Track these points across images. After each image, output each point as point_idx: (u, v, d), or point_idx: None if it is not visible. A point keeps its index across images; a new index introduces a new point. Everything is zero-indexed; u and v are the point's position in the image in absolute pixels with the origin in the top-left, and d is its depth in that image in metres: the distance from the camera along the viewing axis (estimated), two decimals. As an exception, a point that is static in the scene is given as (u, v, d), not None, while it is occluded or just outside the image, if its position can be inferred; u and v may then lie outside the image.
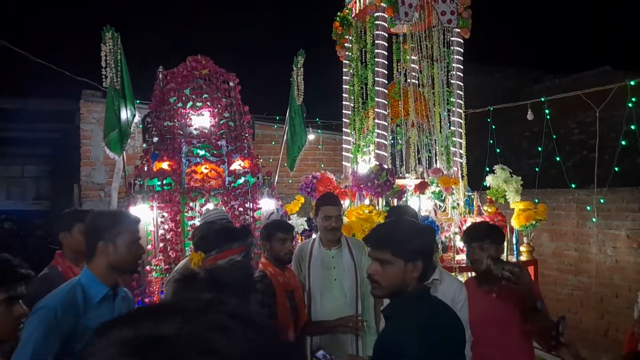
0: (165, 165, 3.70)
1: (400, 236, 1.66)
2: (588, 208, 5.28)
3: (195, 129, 3.90)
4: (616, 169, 4.79)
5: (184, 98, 3.87)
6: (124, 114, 3.33)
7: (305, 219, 4.52)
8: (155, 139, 3.76)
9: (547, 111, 5.22)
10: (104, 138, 3.26)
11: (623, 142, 4.68)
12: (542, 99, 5.28)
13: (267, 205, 4.13)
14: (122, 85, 3.28)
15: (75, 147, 6.81)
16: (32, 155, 9.63)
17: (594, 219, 5.20)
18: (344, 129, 5.44)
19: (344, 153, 5.48)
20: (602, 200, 5.07)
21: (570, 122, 7.81)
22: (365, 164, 5.06)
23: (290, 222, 3.84)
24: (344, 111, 5.42)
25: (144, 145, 3.84)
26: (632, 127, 4.63)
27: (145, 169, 3.69)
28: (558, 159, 5.29)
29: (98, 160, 6.69)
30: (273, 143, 7.35)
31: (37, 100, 7.36)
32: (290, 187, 7.31)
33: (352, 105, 5.26)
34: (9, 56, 6.01)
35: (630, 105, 4.60)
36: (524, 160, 7.73)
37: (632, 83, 4.51)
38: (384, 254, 1.63)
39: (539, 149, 5.50)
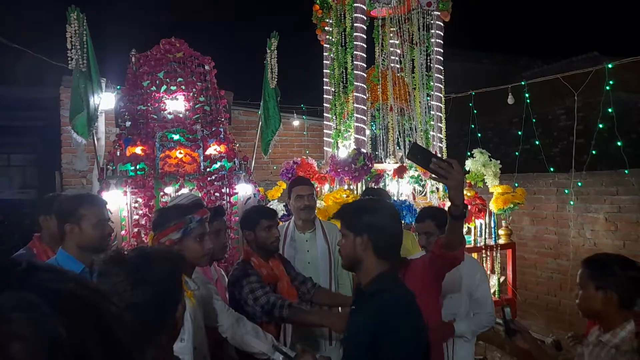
0: (138, 150, 3.66)
1: (351, 211, 1.75)
2: (566, 191, 5.32)
3: (170, 113, 3.84)
4: (593, 152, 4.81)
5: (157, 82, 3.81)
6: (91, 97, 3.28)
7: (284, 204, 4.52)
8: (128, 124, 3.72)
9: (527, 95, 5.21)
10: (70, 121, 3.21)
11: (600, 125, 4.70)
12: (522, 83, 5.27)
13: (244, 190, 4.11)
14: (89, 68, 3.22)
15: (57, 135, 6.75)
16: (17, 143, 9.53)
17: (571, 202, 5.24)
18: (324, 114, 5.43)
19: (325, 138, 5.47)
20: (579, 184, 5.11)
21: (557, 108, 7.84)
22: (345, 149, 5.06)
23: (273, 209, 3.83)
24: (324, 96, 5.40)
25: (117, 129, 3.79)
26: (609, 110, 4.65)
27: (118, 154, 3.65)
28: (537, 142, 5.31)
29: (79, 148, 6.62)
30: (257, 129, 7.30)
31: (20, 88, 7.26)
32: (275, 173, 7.30)
33: (333, 89, 5.24)
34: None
35: (607, 88, 4.60)
36: (512, 147, 7.77)
37: (610, 66, 4.52)
38: (342, 227, 1.76)
39: (519, 133, 5.51)
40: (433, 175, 1.80)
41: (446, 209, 1.95)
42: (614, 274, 1.76)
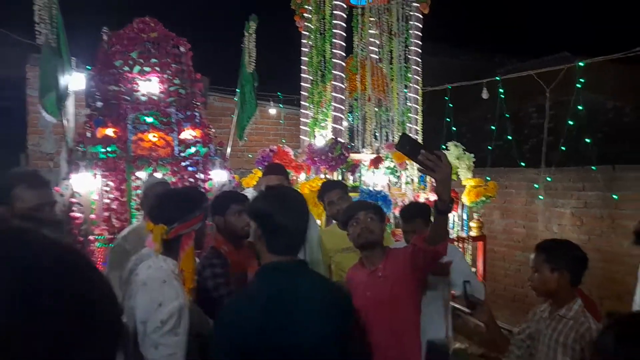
0: (109, 131, 3.55)
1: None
2: (536, 186, 5.46)
3: (143, 95, 3.74)
4: (563, 148, 4.95)
5: (130, 62, 3.70)
6: (61, 76, 3.15)
7: (259, 192, 4.47)
8: (99, 104, 3.60)
9: (501, 90, 5.30)
10: (39, 100, 3.07)
11: (570, 122, 4.83)
12: (497, 78, 5.36)
13: (218, 176, 4.05)
14: (59, 44, 3.09)
15: (23, 115, 6.49)
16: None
17: (540, 197, 5.38)
18: (302, 102, 5.39)
19: (301, 127, 5.44)
20: (548, 179, 5.25)
21: (529, 106, 8.02)
22: (322, 138, 5.04)
23: (245, 194, 3.78)
24: (302, 84, 5.35)
25: (87, 111, 3.67)
26: (579, 107, 4.77)
27: (88, 135, 3.54)
28: (509, 137, 5.42)
29: (47, 129, 6.39)
30: (232, 116, 7.21)
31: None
32: (250, 161, 7.22)
33: (311, 78, 5.20)
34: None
35: (578, 86, 4.73)
36: (485, 142, 7.92)
37: (582, 64, 4.63)
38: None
39: (492, 127, 5.62)
40: (421, 167, 1.77)
41: (432, 202, 1.95)
42: (565, 256, 1.99)
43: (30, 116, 6.40)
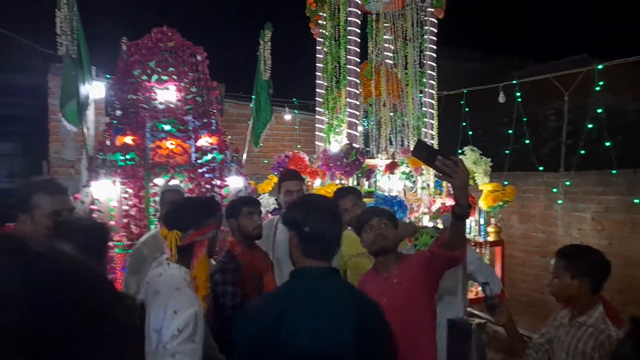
0: (128, 139, 3.62)
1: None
2: (554, 190, 5.38)
3: (161, 103, 3.81)
4: (582, 152, 4.87)
5: (148, 71, 3.77)
6: (82, 85, 3.23)
7: (275, 197, 4.50)
8: (119, 113, 3.67)
9: (518, 94, 5.25)
10: (60, 109, 3.16)
11: (590, 126, 4.75)
12: (514, 82, 5.31)
13: (234, 182, 4.09)
14: (79, 54, 3.17)
15: (44, 124, 6.65)
16: (4, 132, 9.38)
17: (559, 202, 5.29)
18: (317, 108, 5.41)
19: (317, 133, 5.46)
20: (567, 183, 5.16)
21: (547, 109, 7.90)
22: (337, 144, 5.05)
23: (260, 200, 3.81)
24: (317, 90, 5.38)
25: (107, 119, 3.74)
26: (599, 110, 4.70)
27: (108, 143, 3.61)
28: (527, 141, 5.35)
29: (68, 137, 6.53)
30: (249, 122, 7.27)
31: (7, 75, 7.13)
32: (266, 167, 7.26)
33: (326, 84, 5.22)
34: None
35: (597, 89, 4.65)
36: (503, 146, 7.84)
37: (600, 67, 4.56)
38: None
39: (509, 131, 5.56)
40: (438, 173, 1.75)
41: (449, 207, 1.95)
42: (586, 263, 1.95)
43: (52, 124, 6.55)
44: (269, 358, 1.51)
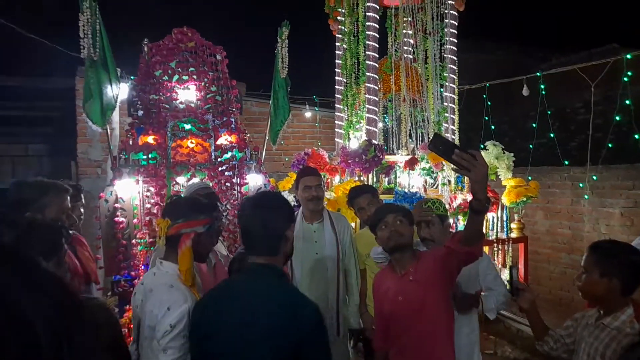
0: (150, 139, 3.69)
1: None
2: (581, 185, 5.23)
3: (181, 103, 3.87)
4: (609, 145, 4.72)
5: (169, 71, 3.83)
6: (108, 86, 3.32)
7: (293, 195, 4.52)
8: (141, 113, 3.75)
9: (542, 87, 5.12)
10: (83, 109, 3.25)
11: (617, 118, 4.60)
12: (538, 74, 5.18)
13: (254, 180, 4.13)
14: (104, 57, 3.25)
15: (73, 125, 6.86)
16: (35, 134, 9.71)
17: (586, 196, 5.15)
18: (336, 105, 5.40)
19: (336, 129, 5.45)
20: (594, 177, 5.01)
21: (573, 102, 7.68)
22: (357, 140, 5.04)
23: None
24: (336, 87, 5.37)
25: (129, 118, 3.83)
26: (627, 101, 4.54)
27: (131, 142, 3.69)
28: (552, 135, 5.22)
29: (94, 137, 6.72)
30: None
31: (37, 79, 7.37)
32: (286, 164, 7.30)
33: (345, 80, 5.21)
34: (3, 32, 5.99)
35: (626, 79, 4.50)
36: (527, 140, 7.67)
37: (629, 56, 4.41)
38: None
39: (533, 125, 5.43)
40: (455, 167, 1.70)
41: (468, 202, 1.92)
42: (619, 262, 1.80)
43: (80, 125, 6.74)
44: (196, 350, 1.64)
